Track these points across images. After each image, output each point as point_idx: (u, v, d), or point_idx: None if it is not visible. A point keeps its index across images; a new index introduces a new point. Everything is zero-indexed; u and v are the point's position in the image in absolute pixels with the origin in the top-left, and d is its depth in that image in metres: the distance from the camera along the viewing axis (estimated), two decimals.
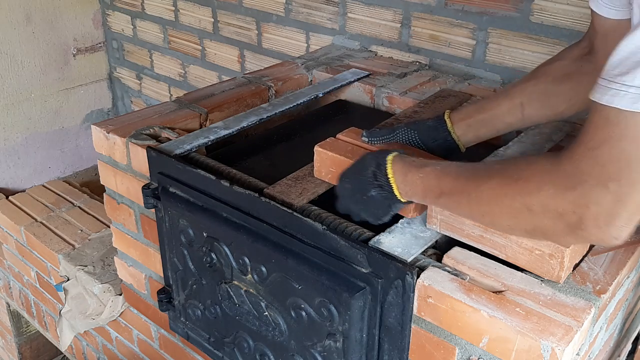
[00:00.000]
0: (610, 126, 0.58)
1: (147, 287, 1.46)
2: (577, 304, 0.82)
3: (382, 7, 1.72)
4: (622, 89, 0.57)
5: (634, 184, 0.58)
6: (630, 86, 0.56)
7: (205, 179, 1.10)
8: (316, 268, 0.96)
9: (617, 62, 0.58)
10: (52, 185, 2.31)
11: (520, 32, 1.48)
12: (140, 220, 1.35)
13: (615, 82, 0.58)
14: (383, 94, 1.52)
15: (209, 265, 1.16)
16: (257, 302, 1.10)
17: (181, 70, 2.49)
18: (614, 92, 0.57)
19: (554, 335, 0.77)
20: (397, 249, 0.90)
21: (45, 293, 2.03)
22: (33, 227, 2.00)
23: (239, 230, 1.07)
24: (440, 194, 0.80)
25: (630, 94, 0.56)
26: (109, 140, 1.31)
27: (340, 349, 0.98)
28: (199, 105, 1.43)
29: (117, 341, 1.79)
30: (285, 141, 1.40)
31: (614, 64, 0.58)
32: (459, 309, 0.83)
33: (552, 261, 0.82)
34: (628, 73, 0.57)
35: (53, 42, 2.57)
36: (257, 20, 2.08)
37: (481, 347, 0.83)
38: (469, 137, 1.03)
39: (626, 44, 0.58)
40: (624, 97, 0.57)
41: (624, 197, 0.59)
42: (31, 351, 2.45)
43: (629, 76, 0.56)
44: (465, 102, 1.38)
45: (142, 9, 2.51)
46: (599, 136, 0.60)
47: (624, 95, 0.57)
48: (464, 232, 0.89)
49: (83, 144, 2.81)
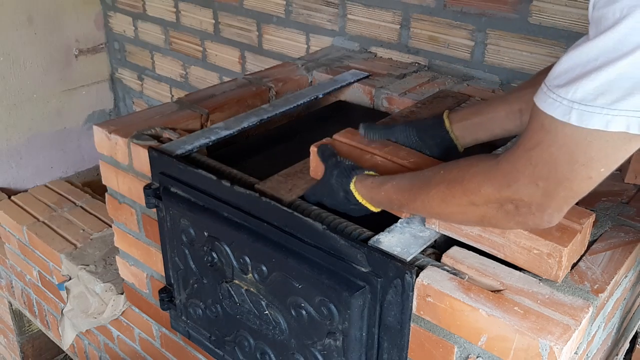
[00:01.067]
0: (544, 131, 0.65)
1: (149, 286, 1.47)
2: (575, 303, 0.83)
3: (382, 8, 1.73)
4: (557, 100, 0.62)
5: (560, 183, 0.67)
6: (563, 98, 0.61)
7: (207, 179, 1.11)
8: (316, 267, 0.97)
9: (557, 73, 0.62)
10: (54, 185, 2.32)
11: (519, 33, 1.49)
12: (141, 220, 1.36)
13: (552, 92, 0.62)
14: (382, 95, 1.52)
15: (210, 265, 1.17)
16: (257, 301, 1.11)
17: (182, 71, 2.49)
18: (550, 101, 0.62)
19: (552, 334, 0.77)
20: (397, 248, 0.90)
21: (47, 292, 2.03)
22: (35, 226, 2.01)
23: (239, 230, 1.08)
24: (401, 204, 0.90)
25: (563, 106, 0.61)
26: (111, 141, 1.32)
27: (340, 347, 0.98)
28: (200, 106, 1.44)
29: (118, 340, 1.80)
30: (285, 142, 1.40)
31: (555, 74, 0.63)
32: (457, 307, 0.84)
33: (550, 260, 0.83)
34: (564, 86, 0.61)
35: (55, 43, 2.58)
36: (257, 21, 2.09)
37: (480, 345, 0.83)
38: (467, 139, 1.06)
39: (569, 58, 0.62)
40: (557, 107, 0.62)
41: (552, 192, 0.68)
42: (33, 350, 2.46)
43: (564, 90, 0.61)
44: (463, 103, 1.38)
45: (143, 10, 2.51)
46: (535, 139, 0.66)
47: (558, 106, 0.62)
48: (462, 232, 0.90)
49: (85, 144, 2.81)
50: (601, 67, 0.58)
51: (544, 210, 0.70)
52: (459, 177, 0.78)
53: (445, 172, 0.82)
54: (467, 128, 1.05)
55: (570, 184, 0.67)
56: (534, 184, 0.68)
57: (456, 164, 0.81)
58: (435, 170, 0.84)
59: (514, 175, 0.70)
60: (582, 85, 0.59)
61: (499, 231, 0.86)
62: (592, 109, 0.59)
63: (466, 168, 0.78)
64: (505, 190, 0.71)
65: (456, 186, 0.78)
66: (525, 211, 0.71)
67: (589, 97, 0.59)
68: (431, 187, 0.82)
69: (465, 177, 0.77)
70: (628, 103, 0.58)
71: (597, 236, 0.99)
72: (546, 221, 0.72)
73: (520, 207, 0.71)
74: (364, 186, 0.95)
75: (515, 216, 0.73)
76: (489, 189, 0.73)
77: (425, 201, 0.83)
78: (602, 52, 0.58)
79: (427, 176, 0.85)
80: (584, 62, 0.60)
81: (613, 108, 0.58)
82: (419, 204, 0.85)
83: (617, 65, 0.57)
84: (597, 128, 0.60)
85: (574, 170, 0.65)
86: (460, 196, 0.78)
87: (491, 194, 0.73)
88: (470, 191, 0.76)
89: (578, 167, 0.64)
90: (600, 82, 0.58)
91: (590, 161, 0.63)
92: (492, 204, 0.74)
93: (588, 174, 0.65)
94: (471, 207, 0.77)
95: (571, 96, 0.60)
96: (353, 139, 1.10)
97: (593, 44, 0.59)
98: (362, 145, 1.08)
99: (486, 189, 0.73)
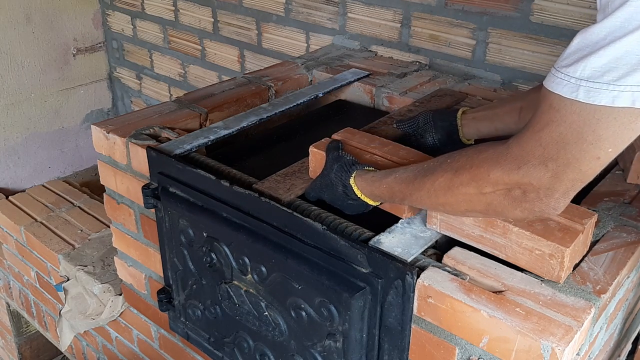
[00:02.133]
0: (553, 111, 0.66)
1: (147, 287, 1.46)
2: (577, 304, 0.82)
3: (382, 7, 1.72)
4: (565, 79, 0.63)
5: (569, 164, 0.67)
6: (571, 77, 0.63)
7: (205, 179, 1.10)
8: (316, 268, 0.96)
9: (566, 55, 0.64)
10: (52, 185, 2.31)
11: (521, 32, 1.48)
12: (140, 220, 1.35)
13: (561, 72, 0.64)
14: (383, 94, 1.52)
15: (209, 265, 1.16)
16: (257, 302, 1.10)
17: (181, 70, 2.49)
18: (558, 80, 0.64)
19: (554, 335, 0.77)
20: (397, 249, 0.90)
21: (45, 293, 2.03)
22: (33, 227, 2.00)
23: (238, 230, 1.07)
24: (404, 196, 0.89)
25: (571, 84, 0.63)
26: (109, 140, 1.31)
27: (340, 349, 0.98)
28: (199, 105, 1.43)
29: (117, 341, 1.79)
30: (285, 141, 1.39)
31: (564, 57, 0.65)
32: (459, 309, 0.83)
33: (552, 261, 0.82)
34: (571, 65, 0.63)
35: (53, 42, 2.57)
36: (257, 20, 2.08)
37: (481, 347, 0.83)
38: (470, 129, 1.11)
39: (579, 39, 0.63)
40: (565, 85, 0.63)
41: (560, 174, 0.68)
42: (31, 351, 2.45)
43: (572, 68, 0.63)
44: (461, 101, 1.38)
45: (142, 9, 2.51)
46: (544, 119, 0.67)
47: (566, 85, 0.63)
48: (463, 232, 0.89)
49: (83, 144, 2.81)
50: (608, 44, 0.60)
51: (551, 194, 0.70)
52: (467, 164, 0.77)
53: (452, 160, 0.81)
54: (472, 119, 1.11)
55: (579, 165, 0.67)
56: (543, 165, 0.68)
57: (463, 152, 0.81)
58: (441, 159, 0.84)
59: (523, 157, 0.70)
60: (590, 62, 0.61)
61: (500, 232, 0.85)
62: (599, 85, 0.61)
63: (475, 155, 0.77)
64: (514, 173, 0.71)
65: (464, 173, 0.77)
66: (532, 197, 0.71)
67: (596, 74, 0.61)
68: (437, 175, 0.81)
69: (474, 164, 0.76)
70: (633, 78, 0.59)
71: (600, 237, 0.98)
72: (552, 207, 0.72)
73: (528, 192, 0.71)
74: (364, 180, 0.94)
75: (522, 202, 0.72)
76: (497, 173, 0.73)
77: (431, 190, 0.82)
78: (610, 31, 0.60)
79: (432, 166, 0.84)
80: (593, 43, 0.61)
81: (619, 84, 0.60)
82: (423, 193, 0.84)
83: (624, 42, 0.59)
84: (604, 104, 0.61)
85: (583, 150, 0.65)
86: (467, 183, 0.77)
87: (500, 178, 0.73)
88: (478, 177, 0.75)
89: (587, 147, 0.65)
90: (608, 59, 0.60)
91: (598, 140, 0.64)
92: (500, 191, 0.74)
93: (596, 153, 0.65)
94: (478, 195, 0.76)
95: (579, 74, 0.62)
96: (352, 138, 1.09)
97: (601, 25, 0.61)
98: (362, 145, 1.07)
99: (495, 173, 0.73)
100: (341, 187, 0.96)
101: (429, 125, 1.15)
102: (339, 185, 0.97)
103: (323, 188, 1.01)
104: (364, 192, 0.94)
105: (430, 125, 1.15)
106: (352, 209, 0.98)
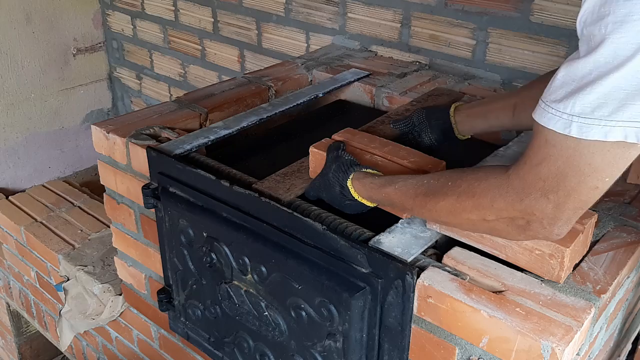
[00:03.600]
0: (549, 146, 0.67)
1: (147, 287, 1.46)
2: (577, 304, 0.82)
3: (382, 7, 1.72)
4: (556, 115, 0.64)
5: (569, 194, 0.69)
6: (563, 112, 0.64)
7: (205, 179, 1.10)
8: (316, 268, 0.96)
9: (554, 88, 0.65)
10: (52, 185, 2.31)
11: (521, 32, 1.48)
12: (140, 220, 1.35)
13: (551, 107, 0.65)
14: (383, 94, 1.52)
15: (209, 265, 1.16)
16: (257, 302, 1.10)
17: (181, 70, 2.49)
18: (550, 116, 0.65)
19: (554, 335, 0.77)
20: (397, 249, 0.90)
21: (45, 293, 2.02)
22: (33, 227, 2.00)
23: (239, 230, 1.07)
24: (404, 208, 0.92)
25: (563, 120, 0.64)
26: (109, 140, 1.31)
27: (340, 349, 0.98)
28: (199, 105, 1.43)
29: (117, 341, 1.79)
30: (285, 141, 1.39)
31: (552, 90, 0.65)
32: (459, 309, 0.83)
33: (552, 261, 0.82)
34: (562, 101, 0.64)
35: (53, 42, 2.57)
36: (257, 20, 2.08)
37: (481, 347, 0.83)
38: (465, 126, 1.12)
39: (563, 73, 0.64)
40: (558, 121, 0.64)
41: (562, 205, 0.70)
42: (31, 351, 2.45)
43: (562, 104, 0.64)
44: (458, 100, 1.38)
45: (142, 8, 2.51)
46: (541, 154, 0.68)
47: (558, 120, 0.64)
48: (463, 232, 0.89)
49: (83, 144, 2.81)
50: (595, 80, 0.61)
51: (554, 223, 0.72)
52: (469, 192, 0.78)
53: (453, 184, 0.81)
54: (466, 116, 1.11)
55: (579, 195, 0.69)
56: (545, 198, 0.70)
57: (462, 175, 0.81)
58: (441, 180, 0.84)
59: (524, 190, 0.71)
60: (579, 99, 0.62)
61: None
62: (590, 121, 0.62)
63: (475, 183, 0.78)
64: (517, 205, 0.73)
65: (467, 200, 0.78)
66: (536, 226, 0.73)
67: (586, 110, 0.62)
68: (439, 198, 0.82)
69: (476, 192, 0.77)
70: (623, 114, 0.60)
71: (600, 237, 0.98)
72: (555, 234, 0.74)
73: (532, 222, 0.73)
74: (362, 184, 0.94)
75: (526, 230, 0.74)
76: (501, 204, 0.74)
77: (433, 211, 0.84)
78: (595, 67, 0.61)
79: (434, 185, 0.84)
80: (579, 77, 0.62)
81: (610, 119, 0.61)
82: (425, 212, 0.86)
83: (610, 79, 0.60)
84: (597, 139, 0.62)
85: (581, 181, 0.67)
86: (470, 210, 0.78)
87: (504, 209, 0.74)
88: (482, 207, 0.77)
89: (584, 178, 0.67)
90: (596, 95, 0.61)
91: (595, 171, 0.66)
92: (503, 219, 0.75)
93: (594, 183, 0.67)
94: (481, 222, 0.78)
95: (570, 110, 0.63)
96: (353, 138, 1.09)
97: (586, 60, 0.62)
98: (362, 145, 1.07)
99: (498, 204, 0.75)
100: (338, 188, 0.97)
101: (423, 125, 1.15)
102: (336, 186, 0.97)
103: (322, 187, 1.01)
104: (361, 195, 0.95)
105: (424, 125, 1.15)
106: (351, 209, 0.98)
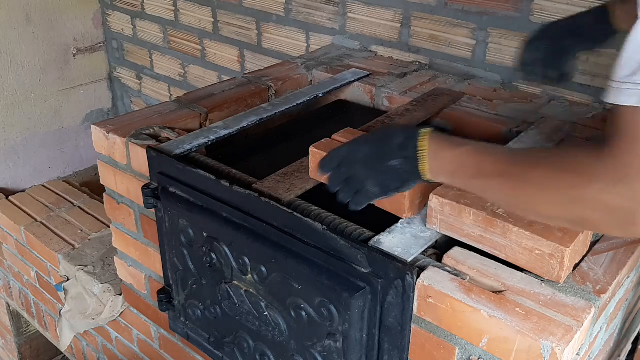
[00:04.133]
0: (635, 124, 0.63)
1: (147, 287, 1.46)
2: (577, 304, 0.82)
3: (382, 7, 1.72)
4: (633, 88, 0.62)
5: None
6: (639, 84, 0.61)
7: (205, 179, 1.10)
8: (316, 268, 0.96)
9: (623, 63, 0.63)
10: (52, 185, 2.31)
11: (521, 32, 1.48)
12: (140, 220, 1.35)
13: (626, 83, 0.62)
14: (383, 94, 1.52)
15: (209, 265, 1.16)
16: (257, 302, 1.10)
17: (181, 70, 2.48)
18: (629, 92, 0.62)
19: (554, 335, 0.77)
20: (397, 249, 0.90)
21: (45, 293, 2.02)
22: (33, 227, 2.00)
23: (238, 230, 1.07)
24: (475, 174, 0.78)
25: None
26: (109, 140, 1.31)
27: (340, 349, 0.98)
28: (199, 105, 1.43)
29: (117, 341, 1.79)
30: (285, 141, 1.39)
31: (622, 65, 0.63)
32: (459, 309, 0.83)
33: (552, 261, 0.82)
34: (635, 74, 0.62)
35: (53, 42, 2.57)
36: (257, 20, 2.08)
37: (481, 347, 0.83)
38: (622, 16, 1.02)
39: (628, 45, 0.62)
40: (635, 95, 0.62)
41: None
42: (31, 351, 2.45)
43: (637, 76, 0.61)
44: (458, 100, 1.38)
45: (142, 8, 2.51)
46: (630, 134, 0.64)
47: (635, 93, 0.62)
48: (464, 232, 0.89)
49: (83, 144, 2.80)
50: None
51: None
52: (567, 167, 0.71)
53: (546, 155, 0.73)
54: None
55: None
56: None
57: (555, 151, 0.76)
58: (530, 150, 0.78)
59: (623, 171, 0.65)
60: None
61: (500, 231, 0.85)
62: None
63: (570, 158, 0.71)
64: (620, 186, 0.65)
65: (564, 175, 0.70)
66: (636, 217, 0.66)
67: None
68: (530, 167, 0.73)
69: (573, 168, 0.70)
70: None
71: (599, 236, 0.98)
72: None
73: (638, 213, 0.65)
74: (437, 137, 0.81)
75: (629, 225, 0.67)
76: (600, 185, 0.67)
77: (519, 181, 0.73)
78: None
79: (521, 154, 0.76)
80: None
81: None
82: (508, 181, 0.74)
83: None
84: None
85: None
86: (566, 188, 0.70)
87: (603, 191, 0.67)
88: (580, 185, 0.68)
89: None
90: None
91: None
92: (602, 207, 0.68)
93: None
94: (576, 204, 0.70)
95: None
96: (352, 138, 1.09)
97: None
98: None
99: (598, 185, 0.67)
100: (401, 139, 0.83)
101: None
102: (398, 136, 0.83)
103: (369, 141, 0.87)
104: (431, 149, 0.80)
105: None
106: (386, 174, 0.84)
